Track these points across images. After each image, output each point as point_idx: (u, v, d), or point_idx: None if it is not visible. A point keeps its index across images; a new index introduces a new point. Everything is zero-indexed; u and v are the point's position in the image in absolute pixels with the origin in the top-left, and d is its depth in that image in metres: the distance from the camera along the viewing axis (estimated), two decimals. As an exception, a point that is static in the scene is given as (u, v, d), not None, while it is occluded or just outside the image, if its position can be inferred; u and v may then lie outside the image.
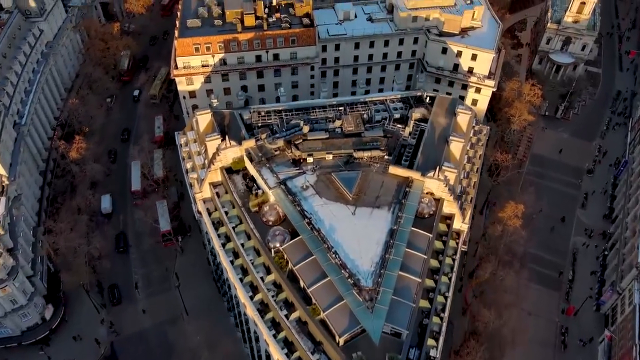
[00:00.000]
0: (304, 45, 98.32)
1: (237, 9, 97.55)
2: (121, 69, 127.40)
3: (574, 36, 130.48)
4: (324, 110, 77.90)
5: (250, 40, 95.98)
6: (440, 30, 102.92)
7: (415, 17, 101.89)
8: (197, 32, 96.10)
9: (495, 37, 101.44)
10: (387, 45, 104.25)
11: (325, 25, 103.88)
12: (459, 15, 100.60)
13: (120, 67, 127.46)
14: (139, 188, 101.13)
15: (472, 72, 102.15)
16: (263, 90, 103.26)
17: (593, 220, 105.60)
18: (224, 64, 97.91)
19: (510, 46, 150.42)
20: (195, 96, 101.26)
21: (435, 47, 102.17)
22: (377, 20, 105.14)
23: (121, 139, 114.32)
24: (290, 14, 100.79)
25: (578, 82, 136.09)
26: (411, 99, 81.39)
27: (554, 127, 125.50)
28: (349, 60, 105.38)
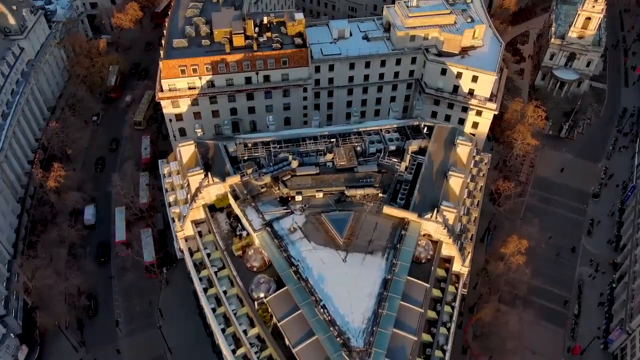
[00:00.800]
0: (296, 66, 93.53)
1: (225, 28, 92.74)
2: (108, 85, 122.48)
3: (579, 52, 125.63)
4: (315, 142, 72.98)
5: (239, 61, 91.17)
6: (439, 50, 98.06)
7: (413, 36, 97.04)
8: (183, 52, 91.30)
9: (497, 57, 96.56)
10: (383, 65, 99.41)
11: (319, 45, 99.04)
12: (459, 35, 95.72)
13: (108, 83, 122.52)
14: (124, 239, 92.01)
15: (472, 94, 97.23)
16: (253, 112, 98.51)
17: (600, 249, 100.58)
18: (211, 86, 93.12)
19: (512, 60, 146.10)
20: (182, 119, 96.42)
21: (434, 68, 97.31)
22: (374, 38, 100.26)
23: (98, 167, 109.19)
24: (281, 33, 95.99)
25: (583, 99, 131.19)
26: (408, 129, 76.55)
27: (557, 147, 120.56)
28: (344, 81, 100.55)
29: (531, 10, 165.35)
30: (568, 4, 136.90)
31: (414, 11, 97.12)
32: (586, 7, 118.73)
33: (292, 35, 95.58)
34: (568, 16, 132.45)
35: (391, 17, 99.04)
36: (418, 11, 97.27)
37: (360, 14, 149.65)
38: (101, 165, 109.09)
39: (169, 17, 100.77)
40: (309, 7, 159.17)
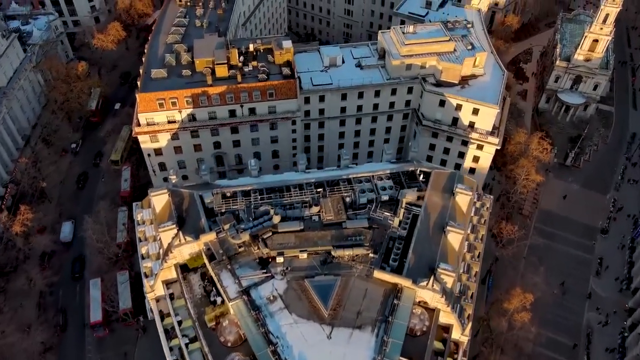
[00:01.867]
0: (284, 98, 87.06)
1: (207, 58, 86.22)
2: (89, 110, 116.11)
3: (585, 75, 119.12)
4: (300, 192, 66.38)
5: (222, 94, 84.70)
6: (437, 80, 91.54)
7: (409, 64, 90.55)
8: (162, 84, 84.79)
9: (500, 87, 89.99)
10: (378, 95, 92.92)
11: (309, 73, 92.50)
12: (459, 64, 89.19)
13: (88, 107, 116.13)
14: (100, 318, 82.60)
15: (473, 127, 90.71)
16: (239, 146, 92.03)
17: (609, 291, 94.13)
18: (193, 119, 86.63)
19: (515, 79, 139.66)
20: (162, 153, 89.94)
21: (431, 99, 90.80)
22: (367, 66, 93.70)
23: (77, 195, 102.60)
24: (268, 62, 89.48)
25: (589, 123, 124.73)
26: (402, 175, 69.94)
27: (563, 176, 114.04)
28: (336, 112, 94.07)
29: (534, 26, 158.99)
30: (574, 23, 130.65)
31: (410, 38, 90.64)
32: (594, 29, 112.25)
33: (279, 64, 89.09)
34: (574, 36, 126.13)
35: (386, 44, 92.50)
36: (415, 38, 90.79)
37: (355, 31, 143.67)
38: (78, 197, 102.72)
39: (149, 42, 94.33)
40: (303, 23, 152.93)
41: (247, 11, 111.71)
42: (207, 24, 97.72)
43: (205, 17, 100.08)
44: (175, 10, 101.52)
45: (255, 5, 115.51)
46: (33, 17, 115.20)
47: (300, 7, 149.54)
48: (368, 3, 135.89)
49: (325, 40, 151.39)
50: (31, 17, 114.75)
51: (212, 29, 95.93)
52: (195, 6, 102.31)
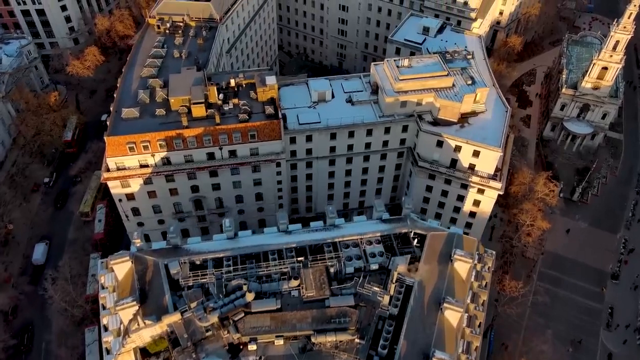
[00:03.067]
0: (267, 140, 79.78)
1: (183, 96, 78.93)
2: (64, 140, 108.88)
3: (594, 103, 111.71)
4: (279, 261, 58.96)
5: (198, 136, 77.41)
6: (434, 117, 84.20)
7: (404, 101, 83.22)
8: (133, 125, 77.50)
9: (503, 126, 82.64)
10: (370, 134, 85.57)
11: (295, 110, 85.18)
12: (458, 102, 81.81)
13: (64, 138, 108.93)
14: None
15: (473, 169, 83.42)
16: (219, 189, 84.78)
17: (621, 347, 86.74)
18: (167, 163, 79.34)
19: (517, 103, 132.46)
20: (134, 198, 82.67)
21: (428, 139, 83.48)
22: (359, 102, 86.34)
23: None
24: (251, 99, 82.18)
25: (597, 153, 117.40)
26: (395, 239, 62.57)
27: (570, 212, 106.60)
28: (325, 151, 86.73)
29: (538, 44, 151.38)
30: (580, 46, 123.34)
31: (405, 73, 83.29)
32: (603, 56, 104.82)
33: (263, 102, 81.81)
34: (580, 60, 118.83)
35: (379, 78, 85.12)
36: (410, 73, 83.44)
37: (349, 52, 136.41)
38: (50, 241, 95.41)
39: (122, 76, 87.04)
40: (295, 42, 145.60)
41: (231, 37, 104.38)
42: (186, 54, 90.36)
43: (185, 47, 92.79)
44: (153, 39, 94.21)
45: (241, 31, 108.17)
46: (3, 42, 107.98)
47: (292, 26, 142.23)
48: (362, 24, 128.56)
49: (319, 61, 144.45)
50: (1, 41, 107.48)
51: (192, 60, 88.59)
52: (174, 34, 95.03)
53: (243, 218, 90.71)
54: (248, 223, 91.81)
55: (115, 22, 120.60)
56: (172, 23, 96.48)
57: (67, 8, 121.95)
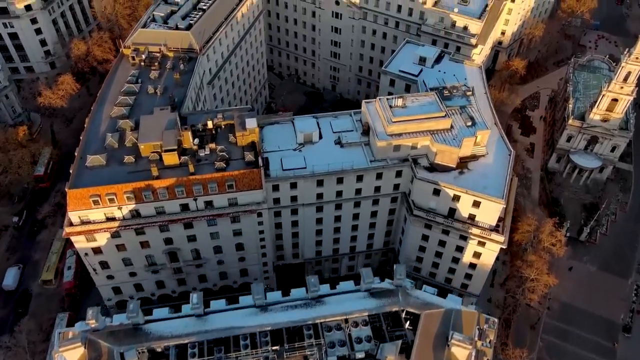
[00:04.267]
0: (246, 190, 72.61)
1: (154, 142, 71.81)
2: (36, 175, 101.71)
3: (602, 136, 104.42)
4: (252, 351, 51.72)
5: (170, 187, 70.23)
6: (431, 162, 77.05)
7: (397, 146, 76.04)
8: (98, 175, 70.37)
9: (506, 173, 75.43)
10: (360, 180, 78.38)
11: (279, 153, 78.04)
12: (456, 147, 74.58)
13: (36, 172, 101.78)
14: None
15: (473, 219, 76.25)
16: (195, 241, 77.61)
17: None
18: (137, 215, 72.20)
19: (520, 129, 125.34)
20: (102, 252, 75.49)
21: (424, 187, 76.30)
22: (348, 144, 79.16)
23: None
24: (229, 142, 75.05)
25: (606, 187, 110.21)
26: (384, 319, 55.41)
27: (577, 254, 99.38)
28: (311, 198, 79.55)
29: (541, 65, 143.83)
30: (587, 71, 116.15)
31: (399, 114, 76.05)
32: (613, 87, 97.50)
33: (243, 146, 74.62)
34: (588, 87, 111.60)
35: (370, 119, 77.88)
36: (404, 114, 76.20)
37: (343, 75, 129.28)
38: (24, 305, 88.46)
39: (90, 115, 79.87)
40: (286, 63, 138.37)
41: (214, 67, 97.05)
42: (161, 90, 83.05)
43: (161, 81, 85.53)
44: (127, 72, 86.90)
45: (225, 59, 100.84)
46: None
47: (283, 47, 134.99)
48: (356, 47, 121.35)
49: (311, 83, 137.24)
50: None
51: (167, 98, 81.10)
52: (150, 66, 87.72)
53: (223, 268, 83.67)
54: (229, 273, 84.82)
55: (93, 46, 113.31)
56: (148, 54, 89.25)
57: (42, 31, 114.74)
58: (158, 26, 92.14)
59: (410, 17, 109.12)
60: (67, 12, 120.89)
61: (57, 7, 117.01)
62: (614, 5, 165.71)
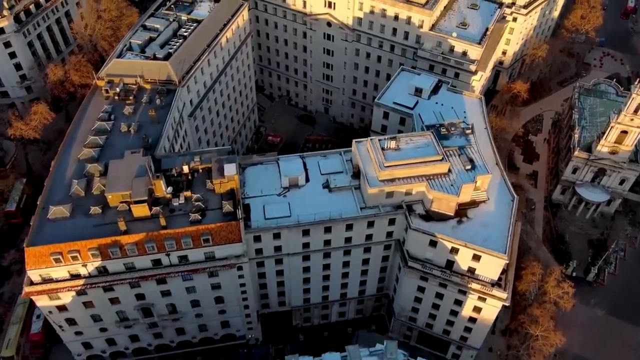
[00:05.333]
0: (224, 243, 66.27)
1: (123, 191, 65.46)
2: (6, 211, 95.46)
3: (611, 169, 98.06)
4: None
5: (140, 242, 63.92)
6: (427, 209, 70.73)
7: (390, 192, 69.71)
8: (61, 228, 64.16)
9: (509, 223, 69.10)
10: (350, 228, 72.06)
11: (262, 199, 71.81)
12: (454, 195, 68.22)
13: (7, 209, 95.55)
14: None
15: (473, 272, 69.94)
16: (169, 295, 71.30)
17: None
18: (104, 272, 65.90)
19: (522, 156, 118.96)
20: (67, 309, 69.14)
21: (419, 237, 69.95)
22: (337, 189, 72.86)
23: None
24: (207, 189, 68.71)
25: (614, 222, 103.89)
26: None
27: (584, 297, 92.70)
28: (297, 248, 73.27)
29: (544, 84, 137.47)
30: (593, 96, 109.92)
31: (391, 158, 69.75)
32: (622, 119, 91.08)
33: (221, 194, 68.28)
34: (594, 115, 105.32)
35: (361, 161, 71.50)
36: (397, 158, 69.91)
37: (336, 98, 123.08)
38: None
39: (56, 158, 73.49)
40: (277, 84, 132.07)
41: (195, 98, 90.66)
42: (136, 128, 76.73)
43: (136, 117, 79.24)
44: (99, 107, 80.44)
45: (208, 88, 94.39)
46: None
47: (273, 68, 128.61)
48: (350, 69, 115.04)
49: (303, 105, 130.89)
50: None
51: (138, 141, 74.52)
52: (125, 100, 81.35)
53: (202, 321, 77.63)
54: (209, 325, 78.59)
55: (71, 70, 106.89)
56: (124, 86, 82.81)
57: (16, 55, 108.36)
58: (134, 56, 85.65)
59: (406, 40, 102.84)
60: (44, 33, 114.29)
61: (33, 29, 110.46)
62: (619, 20, 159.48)
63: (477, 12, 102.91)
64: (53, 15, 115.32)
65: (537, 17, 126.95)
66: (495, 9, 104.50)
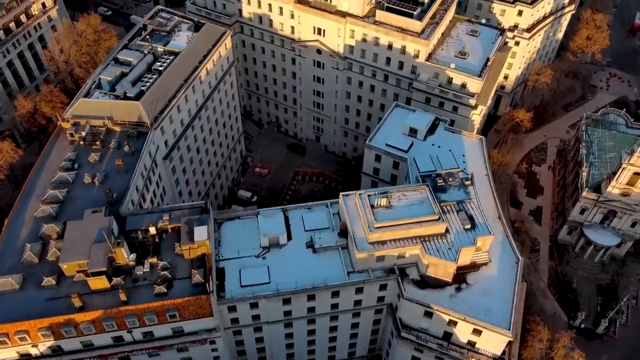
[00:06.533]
0: (193, 318, 58.99)
1: (80, 259, 58.19)
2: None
3: (622, 211, 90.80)
4: None
5: (97, 320, 56.61)
6: (421, 274, 63.50)
7: (381, 256, 62.49)
8: (9, 302, 56.97)
9: (513, 290, 61.85)
10: (337, 295, 64.75)
11: (238, 261, 64.59)
12: (452, 262, 60.94)
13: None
14: None
15: (474, 346, 62.65)
16: (135, 368, 64.02)
17: None
18: (58, 350, 58.62)
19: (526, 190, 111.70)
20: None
21: (413, 307, 62.64)
22: (323, 249, 65.51)
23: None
24: (175, 254, 61.39)
25: (625, 268, 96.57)
26: None
27: (594, 351, 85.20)
28: (277, 316, 65.91)
29: (548, 109, 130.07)
30: (602, 127, 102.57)
31: (382, 219, 62.44)
32: (635, 160, 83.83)
33: (191, 259, 60.99)
34: (603, 149, 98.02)
35: (348, 218, 64.24)
36: (389, 218, 62.58)
37: (327, 127, 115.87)
38: None
39: (9, 217, 66.10)
40: (266, 110, 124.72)
41: (170, 139, 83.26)
42: (101, 179, 69.36)
43: (102, 165, 71.84)
44: (62, 153, 73.10)
45: (186, 126, 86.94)
46: None
47: (262, 93, 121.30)
48: (342, 98, 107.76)
49: (293, 133, 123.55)
50: None
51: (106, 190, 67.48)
52: (91, 145, 74.01)
53: (175, 392, 69.94)
54: (182, 395, 71.07)
55: (42, 102, 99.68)
56: (90, 129, 75.54)
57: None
58: (103, 95, 78.30)
59: (400, 70, 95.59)
60: (15, 60, 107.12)
61: (2, 57, 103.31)
62: (625, 38, 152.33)
63: (477, 40, 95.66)
64: (25, 41, 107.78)
65: (540, 39, 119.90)
66: (497, 35, 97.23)
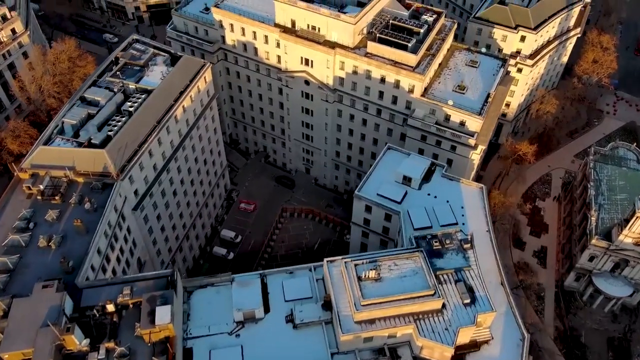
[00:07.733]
0: (155, 413, 51.76)
1: (24, 349, 50.94)
2: None
3: (635, 260, 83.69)
4: None
5: (42, 420, 49.34)
6: (415, 355, 56.32)
7: (369, 337, 55.28)
8: (-59, 400, 49.69)
9: (518, 376, 54.83)
10: (320, 377, 57.57)
11: (209, 339, 57.45)
12: (449, 347, 53.75)
13: None
14: None
15: None
16: None
17: None
18: None
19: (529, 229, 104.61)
20: None
21: (406, 395, 55.54)
22: (304, 325, 58.26)
23: None
24: (136, 337, 54.08)
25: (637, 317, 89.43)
26: None
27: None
28: (253, 399, 58.68)
29: (552, 137, 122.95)
30: (611, 164, 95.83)
31: (370, 295, 55.26)
32: (650, 210, 76.85)
33: (153, 343, 53.76)
34: (613, 189, 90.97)
35: (333, 290, 57.09)
36: (378, 295, 55.33)
37: (317, 159, 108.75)
38: None
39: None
40: (253, 139, 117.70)
41: (141, 187, 75.99)
42: (58, 242, 62.22)
43: (61, 224, 64.69)
44: (17, 209, 65.91)
45: (159, 171, 79.69)
46: None
47: (248, 122, 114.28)
48: (332, 131, 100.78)
49: (282, 163, 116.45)
50: None
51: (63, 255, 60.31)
52: (51, 199, 66.86)
53: None
54: None
55: (7, 138, 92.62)
56: (50, 181, 68.42)
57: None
58: (65, 141, 71.15)
59: (394, 105, 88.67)
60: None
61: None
62: (633, 57, 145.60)
63: (477, 72, 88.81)
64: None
65: (544, 65, 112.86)
66: (498, 66, 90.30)
